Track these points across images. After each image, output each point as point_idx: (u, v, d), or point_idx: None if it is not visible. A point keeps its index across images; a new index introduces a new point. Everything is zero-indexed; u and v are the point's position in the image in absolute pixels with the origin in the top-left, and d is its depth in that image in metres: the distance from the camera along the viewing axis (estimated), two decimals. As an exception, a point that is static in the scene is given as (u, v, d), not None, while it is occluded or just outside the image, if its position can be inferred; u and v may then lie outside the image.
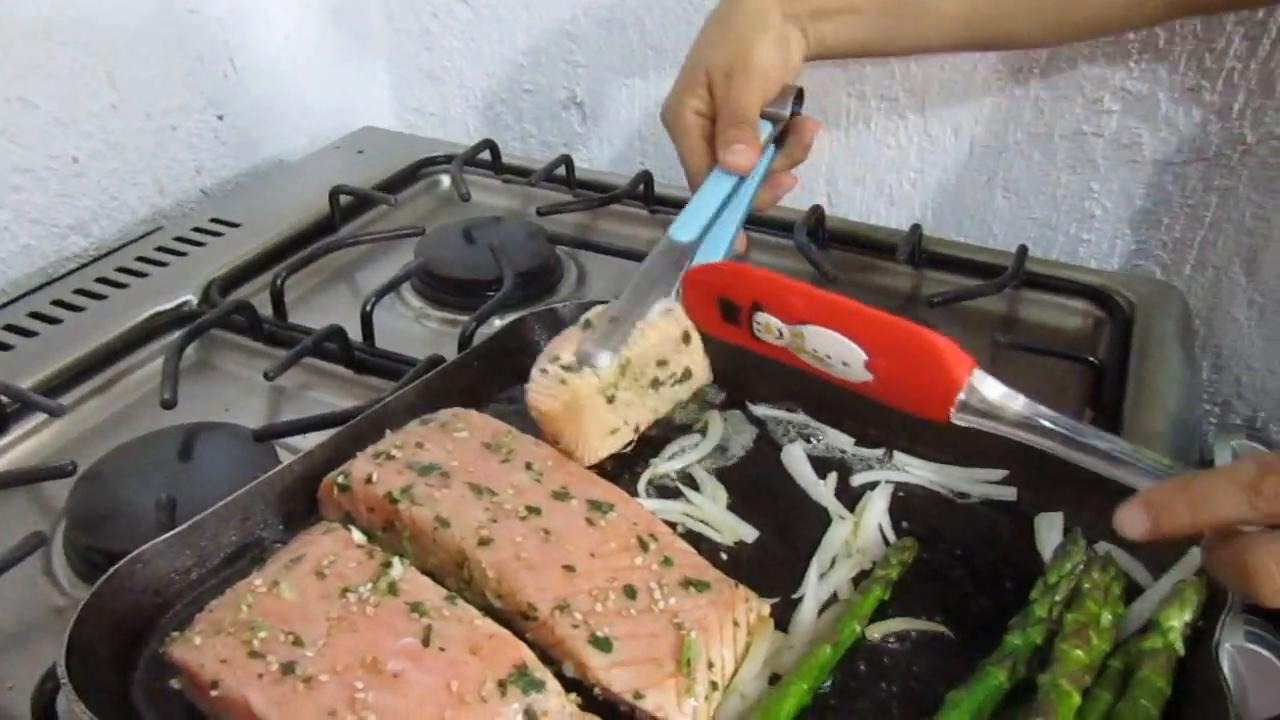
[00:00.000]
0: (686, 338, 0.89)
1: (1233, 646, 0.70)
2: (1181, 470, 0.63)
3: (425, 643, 0.61)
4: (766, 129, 1.02)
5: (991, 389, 0.70)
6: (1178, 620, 0.65)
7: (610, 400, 0.83)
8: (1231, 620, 0.66)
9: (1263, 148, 1.23)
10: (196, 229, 1.31)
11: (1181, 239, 1.34)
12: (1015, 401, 0.70)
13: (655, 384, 0.87)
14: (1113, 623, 0.66)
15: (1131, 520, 0.63)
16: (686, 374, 0.90)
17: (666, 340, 0.88)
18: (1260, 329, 1.34)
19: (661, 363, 0.88)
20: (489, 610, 0.67)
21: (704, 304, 0.80)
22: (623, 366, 0.84)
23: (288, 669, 0.59)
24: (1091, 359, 1.02)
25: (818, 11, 1.02)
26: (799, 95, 1.06)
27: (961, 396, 0.70)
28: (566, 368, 0.82)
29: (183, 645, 0.62)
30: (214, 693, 0.59)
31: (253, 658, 0.60)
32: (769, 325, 0.73)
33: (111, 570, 0.67)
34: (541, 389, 0.81)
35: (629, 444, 0.86)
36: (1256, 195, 1.26)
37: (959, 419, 0.71)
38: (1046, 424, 0.68)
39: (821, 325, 0.72)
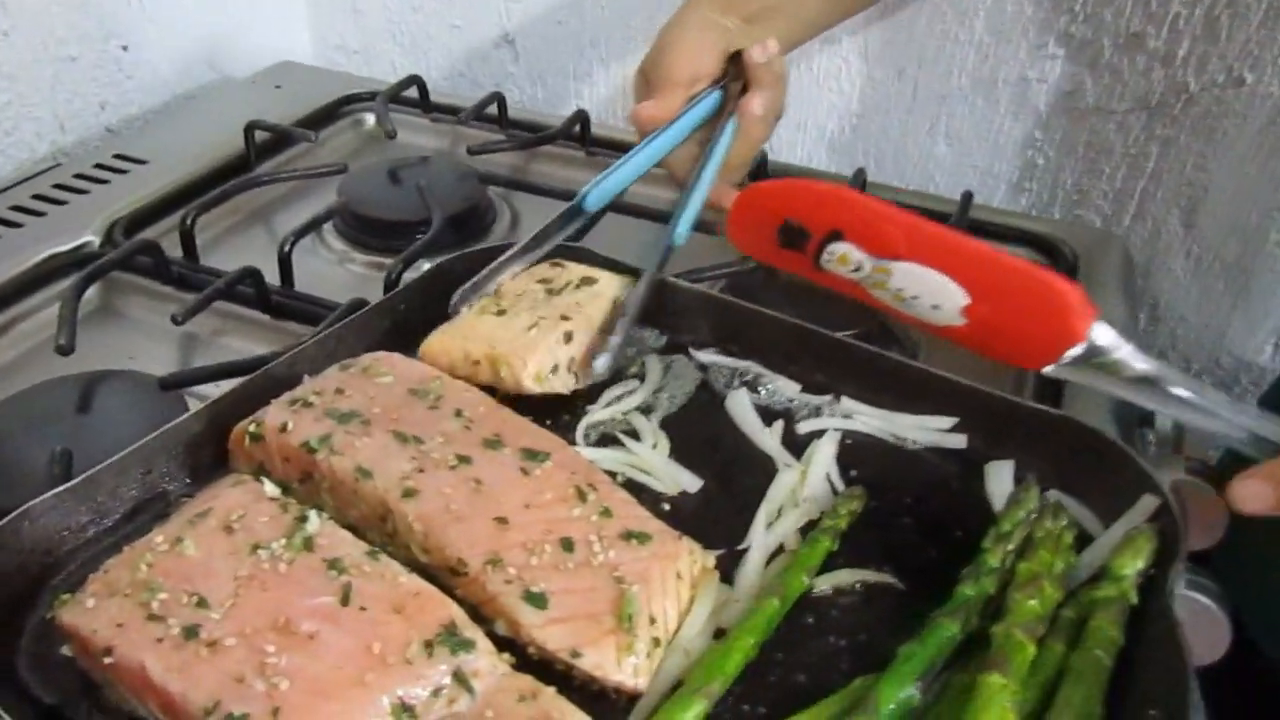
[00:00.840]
0: (555, 264, 0.89)
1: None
2: None
3: (344, 601, 0.56)
4: (713, 98, 0.97)
5: (1113, 343, 0.62)
6: (1131, 569, 0.63)
7: (501, 313, 0.81)
8: (1174, 569, 0.65)
9: (1205, 96, 1.22)
10: (99, 166, 1.22)
11: (1122, 189, 1.34)
12: (1138, 360, 0.62)
13: (551, 293, 0.84)
14: (1064, 571, 0.64)
15: (1255, 494, 0.59)
16: (587, 280, 0.86)
17: (530, 275, 0.88)
18: (1196, 281, 1.34)
19: (543, 280, 0.86)
20: (415, 566, 0.62)
21: (757, 224, 0.71)
22: (495, 295, 0.85)
23: (190, 633, 0.54)
24: (1037, 306, 1.00)
25: (749, 17, 1.00)
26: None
27: (1076, 350, 0.63)
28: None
29: (73, 609, 0.57)
30: (108, 660, 0.54)
31: (151, 621, 0.55)
32: (847, 257, 0.63)
33: (-6, 528, 0.61)
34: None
35: (575, 368, 0.81)
36: (1197, 145, 1.26)
37: (1058, 372, 0.64)
38: (1173, 388, 0.61)
39: (919, 262, 0.63)
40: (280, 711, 0.51)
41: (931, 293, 0.65)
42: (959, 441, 0.78)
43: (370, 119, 1.39)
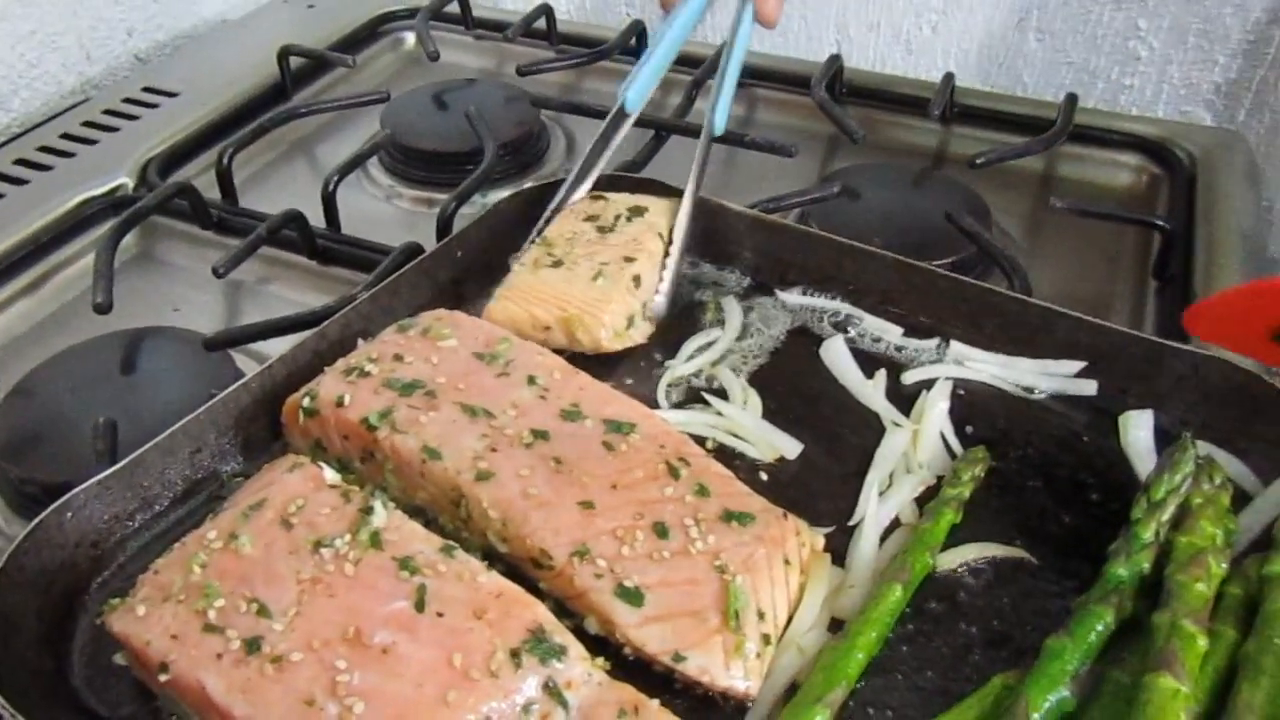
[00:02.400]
0: (597, 196, 0.83)
1: None
2: None
3: (419, 607, 0.50)
4: None
5: None
6: (1307, 538, 0.55)
7: (558, 264, 0.75)
8: None
9: (1341, -28, 1.09)
10: (128, 100, 1.15)
11: (1237, 80, 1.20)
12: None
13: (602, 230, 0.79)
14: (1226, 541, 0.56)
15: None
16: (636, 210, 0.80)
17: (574, 214, 0.82)
18: (1320, 180, 1.22)
19: (590, 218, 0.81)
20: (493, 555, 0.56)
21: (1243, 317, 0.61)
22: (544, 241, 0.79)
23: (252, 646, 0.48)
24: (1162, 223, 0.90)
25: None
26: None
27: None
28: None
29: (124, 616, 0.51)
30: (163, 677, 0.49)
31: (209, 632, 0.49)
32: None
33: (35, 522, 0.56)
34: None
35: (647, 308, 0.75)
36: (1329, 28, 1.12)
37: None
38: None
39: None
40: (356, 738, 0.45)
41: None
42: (1088, 388, 0.69)
43: (410, 38, 1.30)
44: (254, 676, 0.47)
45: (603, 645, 0.54)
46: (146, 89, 1.17)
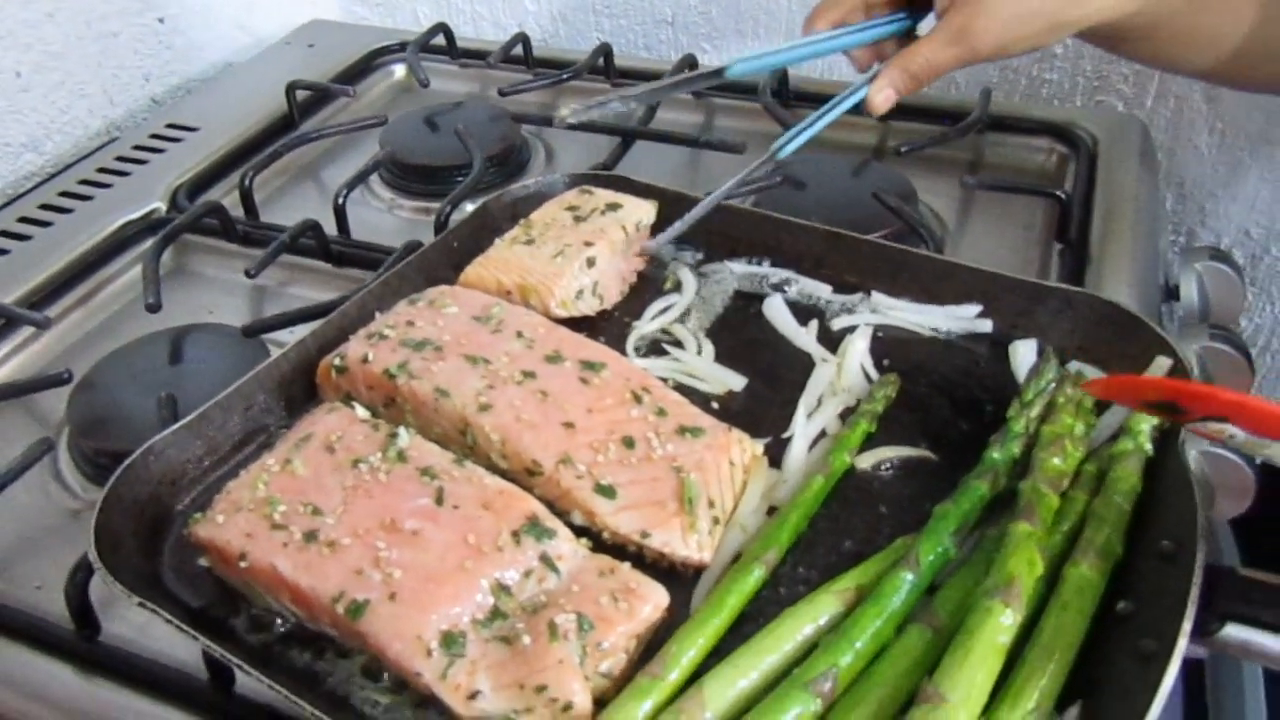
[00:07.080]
0: (584, 190, 0.95)
1: (1199, 452, 0.74)
2: None
3: (439, 502, 0.64)
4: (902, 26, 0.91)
5: None
6: (1147, 423, 0.68)
7: (530, 242, 0.88)
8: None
9: (1219, -29, 1.23)
10: (154, 136, 1.29)
11: (1142, 71, 1.35)
12: None
13: (578, 219, 0.91)
14: (1085, 433, 0.70)
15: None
16: (612, 205, 0.92)
17: (560, 203, 0.94)
18: (1222, 155, 1.36)
19: (571, 208, 0.93)
20: (495, 471, 0.69)
21: (1127, 392, 0.67)
22: (526, 223, 0.92)
23: (310, 536, 0.62)
24: (1058, 193, 1.04)
25: None
26: None
27: None
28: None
29: (206, 525, 0.65)
30: (242, 564, 0.62)
31: (276, 529, 0.63)
32: (1225, 430, 0.60)
33: (127, 462, 0.69)
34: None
35: (596, 293, 0.88)
36: (1215, 20, 1.26)
37: None
38: None
39: None
40: (397, 596, 0.59)
41: None
42: (986, 326, 0.83)
43: (401, 69, 1.44)
44: (314, 558, 0.61)
45: (585, 534, 0.67)
46: (169, 125, 1.31)
